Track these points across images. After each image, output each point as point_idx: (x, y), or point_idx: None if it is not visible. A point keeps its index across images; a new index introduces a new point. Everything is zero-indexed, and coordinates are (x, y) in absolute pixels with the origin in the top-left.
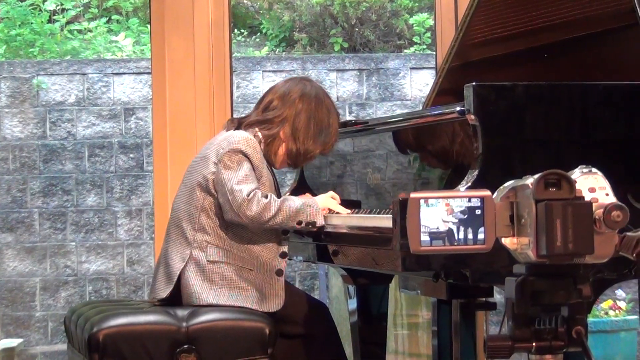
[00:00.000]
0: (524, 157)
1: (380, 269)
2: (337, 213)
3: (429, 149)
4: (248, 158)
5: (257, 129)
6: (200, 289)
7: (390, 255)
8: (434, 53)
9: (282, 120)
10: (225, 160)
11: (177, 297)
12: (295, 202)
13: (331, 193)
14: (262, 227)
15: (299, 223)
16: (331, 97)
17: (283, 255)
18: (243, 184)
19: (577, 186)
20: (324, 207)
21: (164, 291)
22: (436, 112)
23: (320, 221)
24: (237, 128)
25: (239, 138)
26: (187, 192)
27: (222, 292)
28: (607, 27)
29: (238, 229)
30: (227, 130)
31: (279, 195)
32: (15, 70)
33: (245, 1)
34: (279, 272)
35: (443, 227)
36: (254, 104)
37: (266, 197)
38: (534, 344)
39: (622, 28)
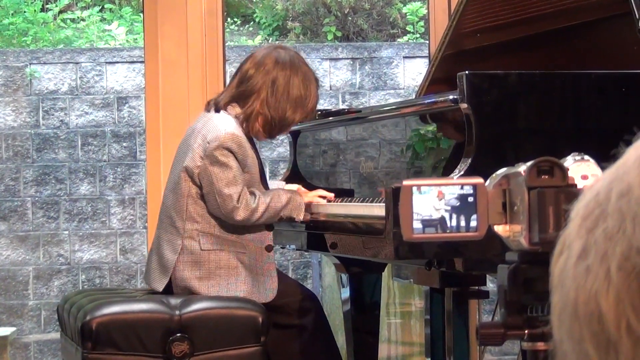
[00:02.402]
0: (516, 146)
1: (374, 257)
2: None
3: (422, 137)
4: (234, 155)
5: (237, 108)
6: (199, 284)
7: (384, 244)
8: (427, 42)
9: (258, 91)
10: (212, 158)
11: (172, 288)
12: (282, 199)
13: (321, 192)
14: (245, 226)
15: (280, 219)
16: (308, 64)
17: (269, 228)
18: (232, 186)
19: (570, 173)
20: (309, 201)
21: (160, 282)
22: (429, 101)
23: (299, 217)
24: (217, 109)
25: (225, 134)
26: (173, 181)
27: (220, 283)
28: (599, 16)
29: None
30: (207, 111)
31: (263, 176)
32: (8, 59)
33: None
34: (269, 248)
35: (435, 215)
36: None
37: (254, 197)
38: (526, 331)
39: (614, 17)
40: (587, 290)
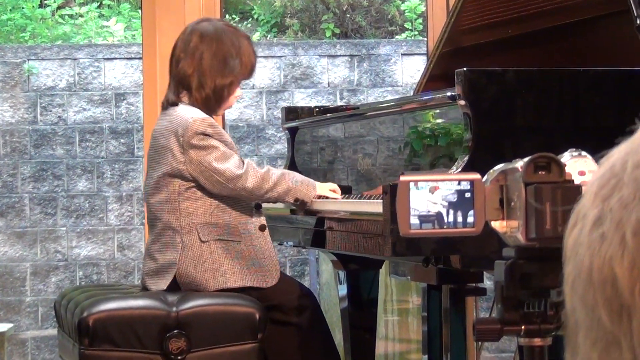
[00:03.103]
0: (514, 142)
1: (371, 254)
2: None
3: (420, 134)
4: (211, 136)
5: (186, 94)
6: (203, 277)
7: (381, 240)
8: (425, 39)
9: (192, 73)
10: (193, 148)
11: (175, 287)
12: (296, 177)
13: (333, 186)
14: (259, 199)
15: (295, 200)
16: (234, 26)
17: (258, 207)
18: (225, 160)
19: (567, 169)
20: (320, 194)
21: (162, 284)
22: (427, 98)
23: (309, 200)
24: (174, 103)
25: (192, 121)
26: (157, 184)
27: (225, 274)
28: (597, 14)
29: (218, 197)
30: (166, 109)
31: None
32: (6, 55)
33: None
34: (262, 227)
35: (433, 210)
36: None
37: (262, 168)
38: (522, 327)
39: (612, 14)
40: (602, 256)
